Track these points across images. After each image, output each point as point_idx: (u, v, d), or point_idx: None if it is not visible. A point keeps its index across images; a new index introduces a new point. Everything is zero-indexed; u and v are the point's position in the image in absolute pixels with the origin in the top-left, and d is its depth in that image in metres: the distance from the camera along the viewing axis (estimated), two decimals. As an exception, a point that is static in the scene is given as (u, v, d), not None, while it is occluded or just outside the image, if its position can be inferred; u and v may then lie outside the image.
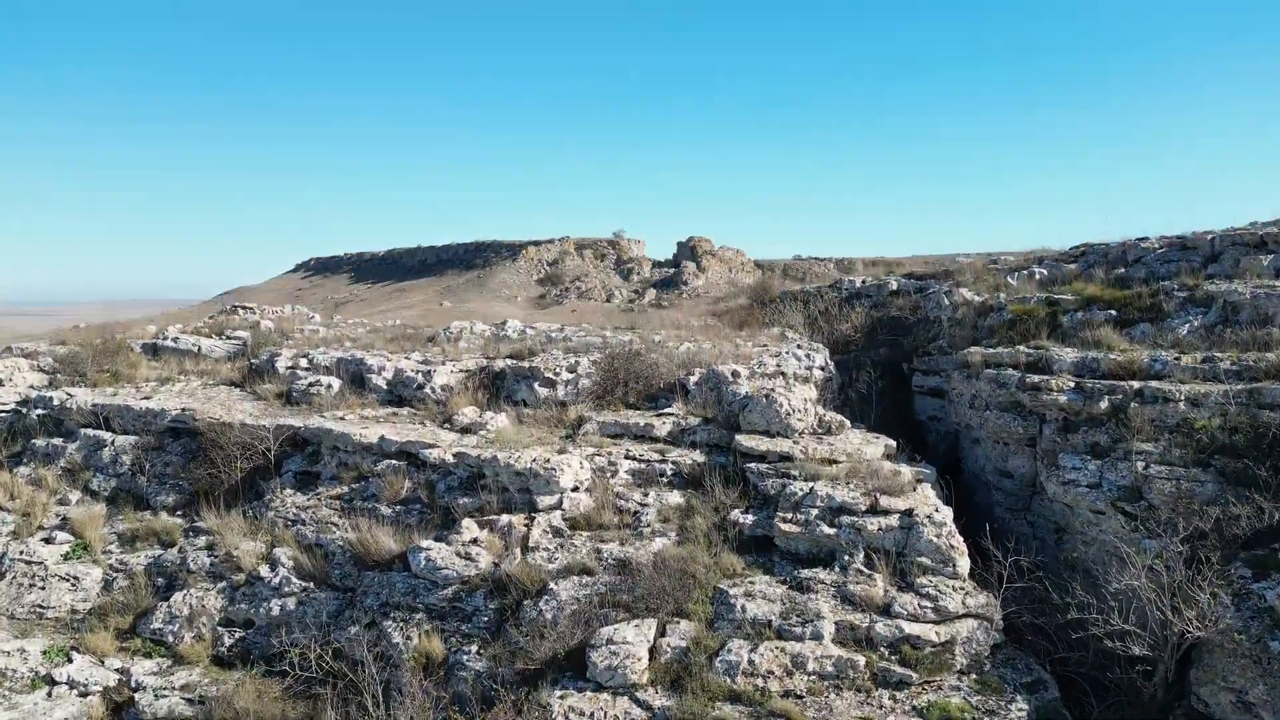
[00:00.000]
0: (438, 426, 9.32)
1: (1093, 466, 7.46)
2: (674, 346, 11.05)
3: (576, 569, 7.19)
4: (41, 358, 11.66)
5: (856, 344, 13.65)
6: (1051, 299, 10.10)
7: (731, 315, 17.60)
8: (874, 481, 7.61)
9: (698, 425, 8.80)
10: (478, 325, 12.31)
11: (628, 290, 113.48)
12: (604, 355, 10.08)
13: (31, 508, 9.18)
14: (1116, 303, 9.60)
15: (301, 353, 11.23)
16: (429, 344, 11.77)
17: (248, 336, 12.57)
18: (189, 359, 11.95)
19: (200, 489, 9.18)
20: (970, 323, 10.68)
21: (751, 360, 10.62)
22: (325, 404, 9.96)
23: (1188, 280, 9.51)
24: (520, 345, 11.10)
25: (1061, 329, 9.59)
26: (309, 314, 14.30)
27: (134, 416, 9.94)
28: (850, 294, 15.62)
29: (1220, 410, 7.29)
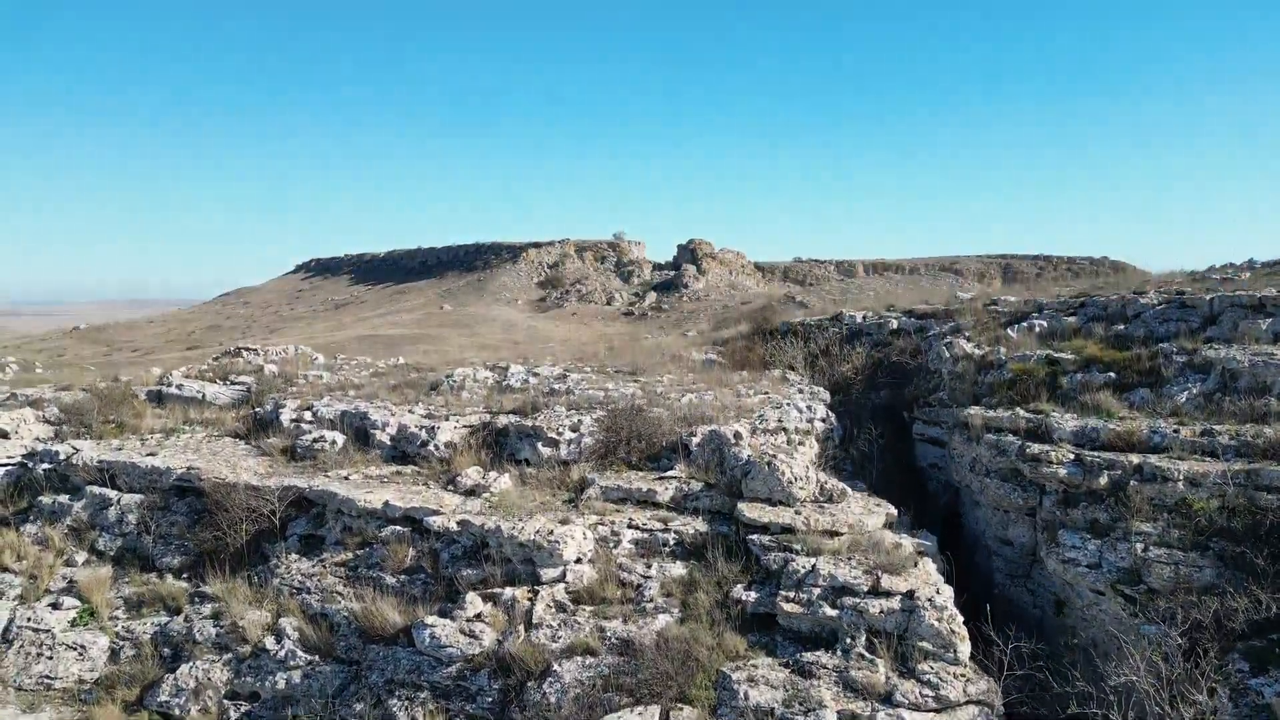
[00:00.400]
0: (441, 488, 9.37)
1: (1092, 546, 7.52)
2: (675, 399, 11.09)
3: (580, 649, 7.25)
4: (47, 407, 11.70)
5: (857, 386, 13.70)
6: (1051, 358, 10.15)
7: (732, 348, 17.63)
8: (875, 557, 7.67)
9: (700, 491, 8.87)
10: (480, 372, 12.34)
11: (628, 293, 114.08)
12: (606, 413, 10.14)
13: (38, 569, 9.24)
14: (1116, 364, 9.65)
15: (305, 404, 11.29)
16: (432, 393, 11.81)
17: (252, 382, 12.63)
18: (193, 407, 12.01)
19: (205, 550, 9.25)
20: (970, 378, 10.73)
21: (753, 414, 10.66)
22: (330, 461, 10.01)
23: (1186, 344, 9.56)
24: (523, 398, 11.13)
25: (1061, 390, 9.63)
26: (312, 355, 14.34)
27: (140, 474, 10.00)
28: (851, 331, 15.66)
29: (1218, 491, 7.35)
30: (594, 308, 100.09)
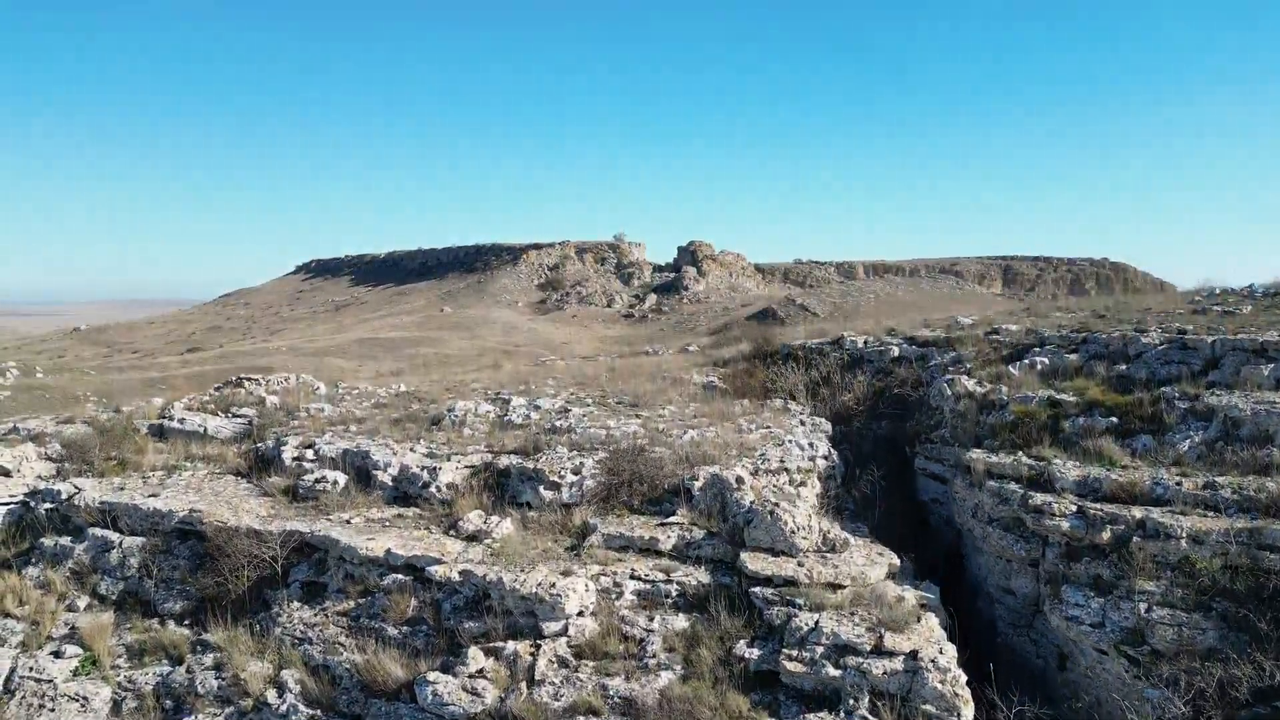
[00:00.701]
0: (443, 533, 9.36)
1: (1096, 604, 7.51)
2: (677, 435, 11.07)
3: (583, 708, 7.24)
4: (49, 443, 11.68)
5: (859, 417, 13.68)
6: (1053, 400, 10.13)
7: (733, 371, 17.60)
8: (879, 612, 7.67)
9: (702, 539, 8.85)
10: (482, 406, 12.31)
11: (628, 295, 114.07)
12: (608, 454, 10.12)
13: (40, 615, 9.23)
14: (1118, 409, 9.63)
15: (307, 441, 11.28)
16: (434, 428, 11.79)
17: (254, 415, 12.61)
18: (195, 442, 11.99)
19: (207, 596, 9.24)
20: (972, 417, 10.71)
21: (755, 452, 10.65)
22: (332, 503, 10.00)
23: (1189, 388, 9.54)
24: (524, 435, 11.11)
25: (1064, 434, 9.62)
26: (313, 385, 14.31)
27: (141, 517, 9.99)
28: (852, 356, 15.64)
29: (1221, 549, 7.34)
30: (594, 310, 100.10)
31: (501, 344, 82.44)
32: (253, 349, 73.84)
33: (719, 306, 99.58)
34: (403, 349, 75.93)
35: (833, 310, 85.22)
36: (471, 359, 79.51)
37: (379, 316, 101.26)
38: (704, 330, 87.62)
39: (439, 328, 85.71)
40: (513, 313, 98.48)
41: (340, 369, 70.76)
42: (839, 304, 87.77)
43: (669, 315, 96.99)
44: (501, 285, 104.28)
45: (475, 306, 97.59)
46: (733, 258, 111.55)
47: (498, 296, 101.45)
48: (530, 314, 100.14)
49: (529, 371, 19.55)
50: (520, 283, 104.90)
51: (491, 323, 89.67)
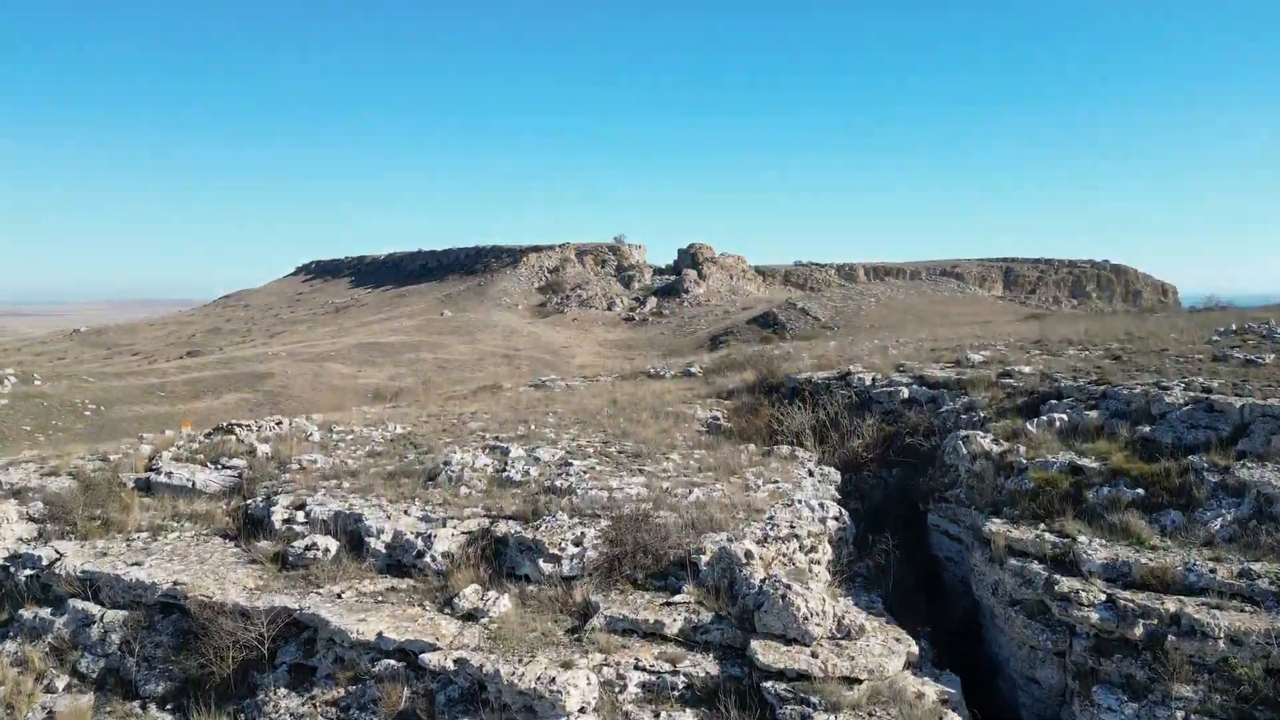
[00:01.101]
0: (438, 610, 8.91)
1: (1130, 710, 7.05)
2: (682, 495, 10.62)
3: (585, 821, 6.83)
4: (31, 501, 11.23)
5: (869, 466, 13.23)
6: (1075, 465, 9.67)
7: (736, 404, 17.15)
8: (897, 710, 7.25)
9: (710, 622, 8.41)
10: (479, 459, 11.86)
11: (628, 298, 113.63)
12: (610, 522, 9.67)
13: (16, 698, 8.78)
14: (1144, 479, 9.18)
15: (298, 501, 10.83)
16: (429, 483, 11.34)
17: (244, 466, 12.16)
18: (183, 498, 11.53)
19: (191, 677, 8.81)
20: (990, 480, 10.25)
21: (763, 515, 10.21)
22: (322, 574, 9.55)
23: (1218, 459, 9.08)
24: (523, 495, 10.67)
25: (1087, 504, 9.16)
26: (306, 430, 13.85)
27: (123, 588, 9.54)
28: (860, 394, 15.18)
29: (1262, 651, 6.90)
30: (594, 313, 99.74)
31: (502, 348, 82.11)
32: (252, 354, 73.48)
33: (719, 310, 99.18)
34: (403, 354, 75.62)
35: (834, 315, 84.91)
36: (472, 364, 79.29)
37: (379, 319, 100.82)
38: (705, 334, 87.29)
39: (439, 332, 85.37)
40: (513, 316, 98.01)
41: (340, 374, 70.51)
42: (840, 308, 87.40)
43: (669, 319, 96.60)
44: (501, 288, 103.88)
45: (475, 310, 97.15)
46: (733, 260, 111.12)
47: (498, 299, 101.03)
48: (530, 317, 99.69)
49: (529, 402, 19.06)
50: (520, 285, 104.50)
51: (492, 326, 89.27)
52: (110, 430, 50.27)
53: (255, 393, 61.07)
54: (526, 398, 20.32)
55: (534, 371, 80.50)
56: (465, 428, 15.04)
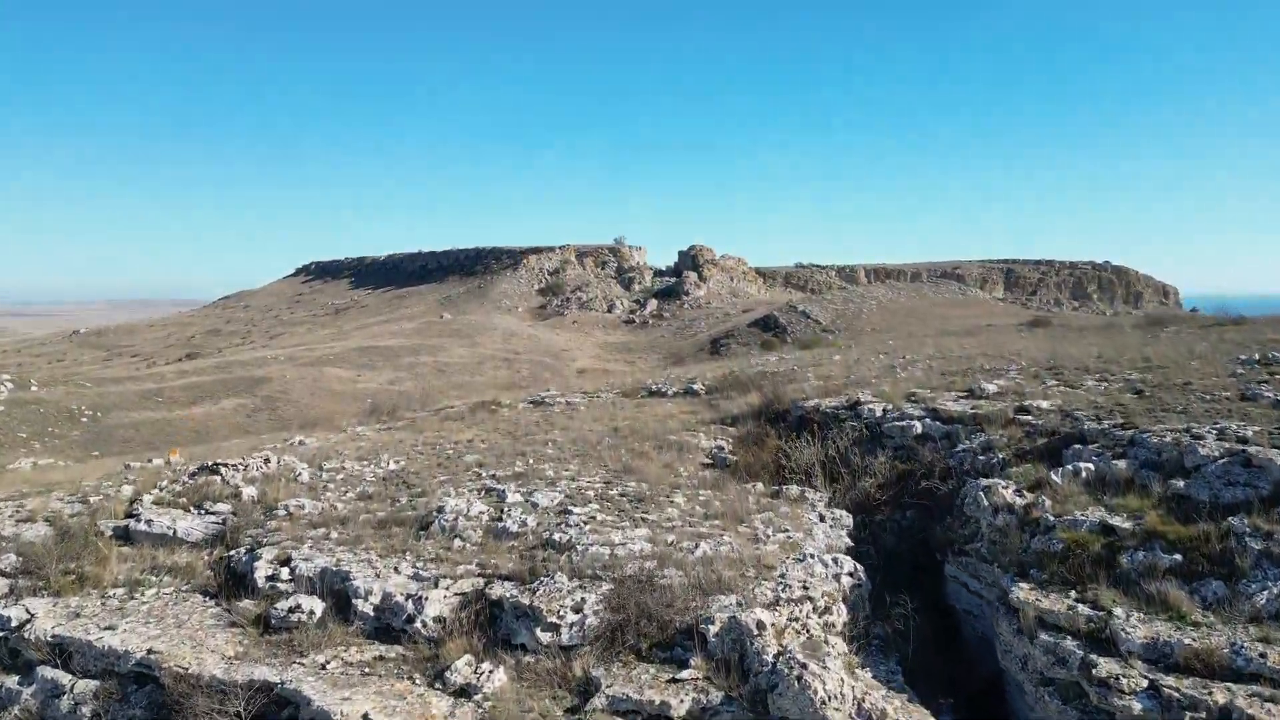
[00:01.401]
0: (428, 685, 8.30)
1: (1177, 815, 6.49)
2: (688, 550, 10.03)
3: None
4: (4, 554, 10.64)
5: (882, 507, 12.66)
6: (1107, 525, 9.08)
7: (741, 433, 16.57)
8: (923, 811, 6.68)
9: (720, 704, 7.81)
10: (475, 505, 11.25)
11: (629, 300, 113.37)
12: (612, 585, 9.08)
13: (-22, 778, 8.23)
14: (1181, 544, 8.58)
15: (283, 555, 10.24)
16: (422, 534, 10.74)
17: (228, 511, 11.57)
18: (163, 547, 10.94)
19: (166, 757, 8.24)
20: (1014, 536, 9.66)
21: (774, 572, 9.63)
22: (307, 640, 8.94)
23: (1260, 522, 8.48)
24: (521, 548, 10.10)
25: (1120, 569, 8.57)
26: (294, 469, 13.24)
27: (95, 656, 8.94)
28: (870, 426, 14.60)
29: (1323, 755, 6.33)
30: (595, 315, 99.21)
31: (502, 351, 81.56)
32: (250, 358, 72.90)
33: (720, 312, 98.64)
34: (402, 357, 75.10)
35: (835, 318, 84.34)
36: (471, 368, 78.64)
37: (378, 322, 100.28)
38: (705, 337, 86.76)
39: (438, 335, 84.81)
40: (513, 319, 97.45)
41: (339, 379, 69.92)
42: (841, 311, 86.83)
43: (669, 321, 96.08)
44: (501, 290, 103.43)
45: (475, 312, 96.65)
46: (734, 262, 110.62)
47: (498, 302, 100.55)
48: (530, 319, 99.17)
49: (527, 425, 18.47)
50: (520, 287, 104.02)
51: (491, 329, 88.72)
52: (107, 437, 49.80)
53: (253, 398, 60.56)
54: (525, 419, 19.76)
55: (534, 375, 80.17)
56: (460, 461, 14.45)
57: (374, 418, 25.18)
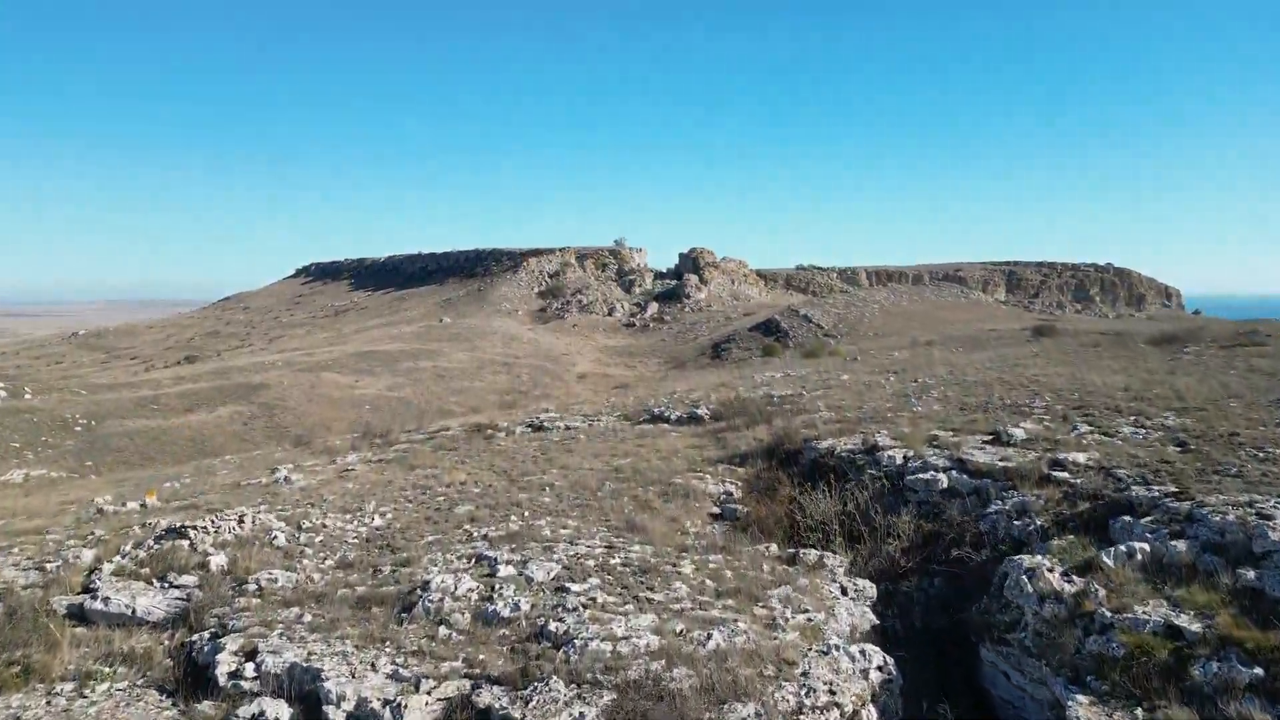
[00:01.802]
0: (407, 818, 7.27)
1: None
2: (699, 638, 8.96)
3: None
4: (-56, 639, 9.56)
5: (908, 575, 11.58)
6: (1172, 627, 8.01)
7: (749, 474, 15.49)
8: None
9: None
10: (463, 583, 10.16)
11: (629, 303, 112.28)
12: (615, 696, 8.01)
13: None
14: (1262, 654, 7.50)
15: (249, 644, 9.16)
16: (404, 617, 9.67)
17: (194, 585, 10.49)
18: (120, 629, 9.85)
19: None
20: (1066, 634, 8.57)
21: (796, 670, 8.56)
22: (271, 755, 7.90)
23: (1354, 631, 7.43)
24: (513, 643, 9.01)
25: (1192, 682, 7.50)
26: (270, 530, 12.16)
27: (31, 776, 7.92)
28: (892, 477, 13.53)
29: None
30: (595, 318, 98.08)
31: (501, 356, 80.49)
32: (247, 363, 71.86)
33: (721, 315, 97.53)
34: (401, 362, 74.06)
35: (837, 322, 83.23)
36: (471, 373, 77.57)
37: (379, 325, 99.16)
38: (706, 341, 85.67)
39: (438, 339, 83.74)
40: (513, 322, 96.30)
41: (337, 385, 68.92)
42: (843, 315, 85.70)
43: (670, 324, 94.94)
44: (501, 294, 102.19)
45: (475, 316, 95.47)
46: (735, 264, 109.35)
47: (498, 305, 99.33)
48: (531, 323, 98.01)
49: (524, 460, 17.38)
50: (520, 290, 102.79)
51: (491, 333, 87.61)
52: (101, 446, 48.77)
53: (250, 405, 59.58)
54: (522, 451, 18.68)
55: (534, 379, 79.10)
56: (451, 516, 13.36)
57: (366, 441, 24.15)
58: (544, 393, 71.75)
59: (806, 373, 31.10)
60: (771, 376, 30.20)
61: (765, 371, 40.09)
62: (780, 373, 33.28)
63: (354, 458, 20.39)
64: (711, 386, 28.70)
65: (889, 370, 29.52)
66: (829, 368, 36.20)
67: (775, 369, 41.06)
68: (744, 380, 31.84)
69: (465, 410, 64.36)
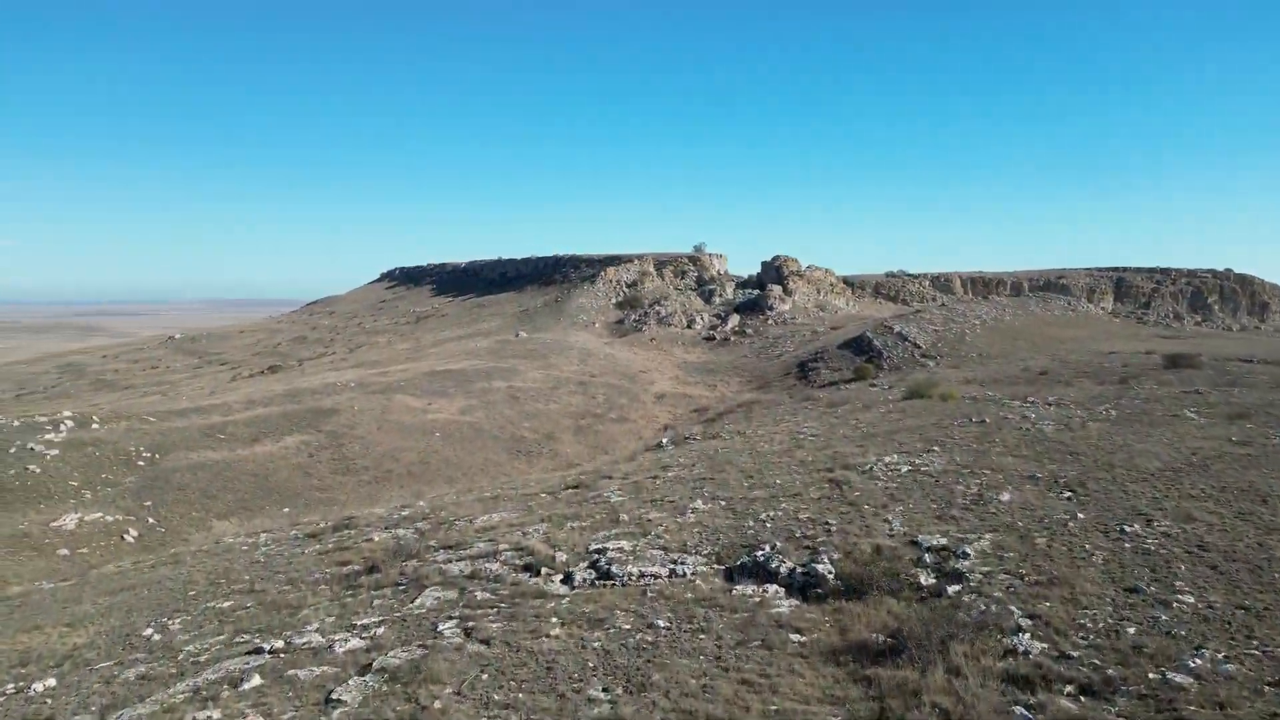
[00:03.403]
0: None
1: None
2: None
3: None
4: None
5: None
6: None
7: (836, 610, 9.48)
8: None
9: None
10: None
11: (709, 314, 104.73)
12: None
13: None
14: None
15: None
16: None
17: None
18: None
19: None
20: None
21: None
22: None
23: None
24: None
25: None
26: None
27: None
28: None
29: None
30: (674, 331, 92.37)
31: (577, 374, 75.61)
32: (320, 384, 68.73)
33: (806, 329, 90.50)
34: (474, 382, 69.87)
35: (935, 341, 75.40)
36: (546, 394, 72.55)
37: (456, 336, 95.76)
38: (791, 358, 79.05)
39: (513, 355, 79.51)
40: (589, 335, 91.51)
41: (409, 409, 64.85)
42: (941, 333, 77.76)
43: (752, 338, 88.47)
44: (579, 304, 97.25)
45: (552, 329, 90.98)
46: (821, 273, 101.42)
47: (575, 317, 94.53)
48: (608, 336, 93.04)
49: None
50: (598, 301, 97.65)
51: (568, 349, 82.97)
52: (163, 483, 45.65)
53: (317, 434, 56.15)
54: (573, 658, 12.78)
55: (609, 401, 73.80)
56: None
57: (398, 560, 18.98)
58: (620, 415, 66.69)
59: (920, 424, 24.68)
60: (886, 462, 23.87)
61: (865, 415, 33.69)
62: (893, 435, 26.82)
63: (373, 620, 15.14)
64: (818, 475, 22.58)
65: (1034, 443, 23.06)
66: (947, 417, 29.53)
67: (879, 416, 34.65)
68: (847, 437, 25.61)
69: (539, 437, 59.79)
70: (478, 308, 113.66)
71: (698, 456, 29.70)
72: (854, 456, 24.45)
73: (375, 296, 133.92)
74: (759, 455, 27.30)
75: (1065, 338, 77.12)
